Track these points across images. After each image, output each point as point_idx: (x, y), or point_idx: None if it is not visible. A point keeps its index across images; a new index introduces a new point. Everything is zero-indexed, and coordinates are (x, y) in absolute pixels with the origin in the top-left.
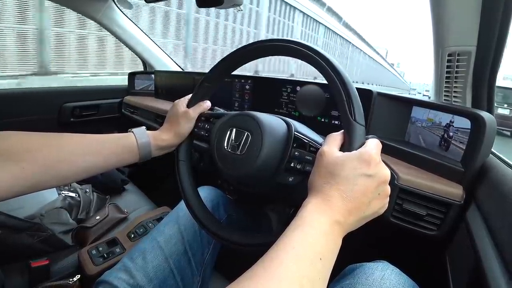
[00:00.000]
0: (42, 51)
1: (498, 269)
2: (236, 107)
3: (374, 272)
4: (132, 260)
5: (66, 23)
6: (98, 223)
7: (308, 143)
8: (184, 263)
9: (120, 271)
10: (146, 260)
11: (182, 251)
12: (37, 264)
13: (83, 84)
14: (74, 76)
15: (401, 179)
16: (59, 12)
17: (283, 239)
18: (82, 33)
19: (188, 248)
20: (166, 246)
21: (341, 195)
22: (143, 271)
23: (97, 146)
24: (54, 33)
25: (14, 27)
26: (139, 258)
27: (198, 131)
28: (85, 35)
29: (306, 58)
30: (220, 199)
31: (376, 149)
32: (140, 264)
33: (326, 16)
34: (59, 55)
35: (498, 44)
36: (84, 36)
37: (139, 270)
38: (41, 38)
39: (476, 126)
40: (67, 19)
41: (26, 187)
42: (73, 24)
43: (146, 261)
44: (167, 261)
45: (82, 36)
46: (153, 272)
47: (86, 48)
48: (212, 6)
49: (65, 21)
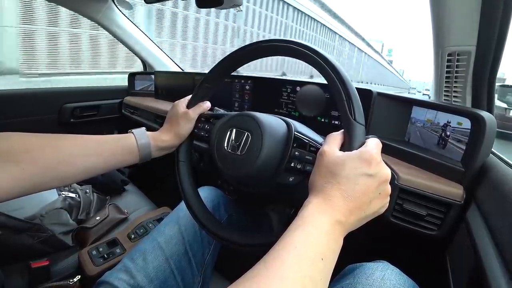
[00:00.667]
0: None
1: (499, 269)
2: (236, 107)
3: (374, 272)
4: (132, 261)
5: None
6: (98, 223)
7: (308, 143)
8: (185, 263)
9: (120, 271)
10: (146, 261)
11: (183, 251)
12: (37, 264)
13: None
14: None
15: (401, 179)
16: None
17: (285, 239)
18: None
19: (188, 249)
20: (167, 247)
21: (342, 195)
22: (144, 272)
23: (97, 147)
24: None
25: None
26: (140, 258)
27: (198, 132)
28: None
29: (306, 58)
30: (221, 199)
31: (376, 148)
32: (140, 265)
33: (332, 20)
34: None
35: (498, 44)
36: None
37: (139, 271)
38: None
39: (476, 126)
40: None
41: (26, 188)
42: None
43: (146, 262)
44: (168, 261)
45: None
46: (154, 272)
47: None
48: (212, 6)
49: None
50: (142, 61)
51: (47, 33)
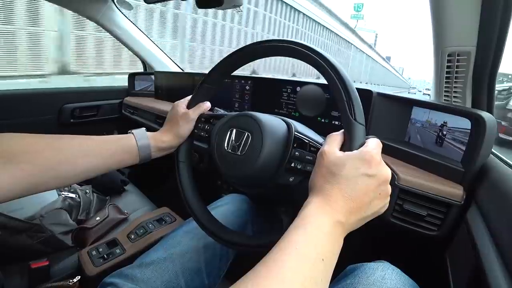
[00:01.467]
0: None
1: (499, 269)
2: (236, 107)
3: (374, 272)
4: (141, 269)
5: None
6: (98, 224)
7: (309, 143)
8: (198, 282)
9: (127, 278)
10: (156, 272)
11: (197, 268)
12: (37, 265)
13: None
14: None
15: (401, 180)
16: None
17: (285, 240)
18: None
19: (203, 267)
20: (180, 261)
21: (343, 195)
22: (151, 285)
23: (97, 148)
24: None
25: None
26: (149, 268)
27: (198, 132)
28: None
29: (306, 58)
30: (249, 214)
31: (376, 148)
32: (148, 276)
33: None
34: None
35: (498, 44)
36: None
37: (146, 282)
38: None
39: (476, 126)
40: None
41: (26, 189)
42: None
43: (156, 273)
44: (178, 278)
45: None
46: (162, 287)
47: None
48: (212, 7)
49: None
50: (142, 61)
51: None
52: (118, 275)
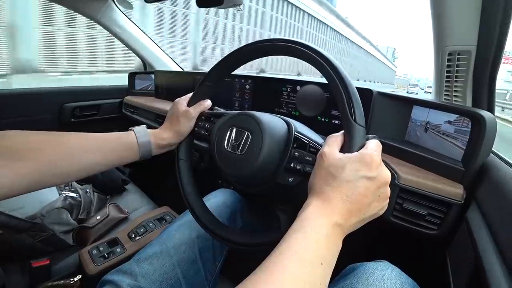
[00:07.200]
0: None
1: (499, 268)
2: (236, 106)
3: (374, 271)
4: (138, 264)
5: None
6: (98, 223)
7: (308, 144)
8: (193, 272)
9: (125, 274)
10: (153, 266)
11: (192, 259)
12: (38, 264)
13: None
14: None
15: (402, 179)
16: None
17: (285, 243)
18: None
19: (198, 257)
20: (176, 253)
21: (342, 197)
22: (149, 278)
23: (98, 144)
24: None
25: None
26: (146, 262)
27: (199, 130)
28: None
29: (306, 57)
30: (237, 206)
31: (377, 150)
32: (146, 269)
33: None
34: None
35: (498, 43)
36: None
37: (144, 276)
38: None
39: (477, 125)
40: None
41: (28, 186)
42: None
43: (153, 267)
44: (175, 269)
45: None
46: (159, 279)
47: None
48: (212, 6)
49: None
50: (142, 61)
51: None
52: (116, 272)
